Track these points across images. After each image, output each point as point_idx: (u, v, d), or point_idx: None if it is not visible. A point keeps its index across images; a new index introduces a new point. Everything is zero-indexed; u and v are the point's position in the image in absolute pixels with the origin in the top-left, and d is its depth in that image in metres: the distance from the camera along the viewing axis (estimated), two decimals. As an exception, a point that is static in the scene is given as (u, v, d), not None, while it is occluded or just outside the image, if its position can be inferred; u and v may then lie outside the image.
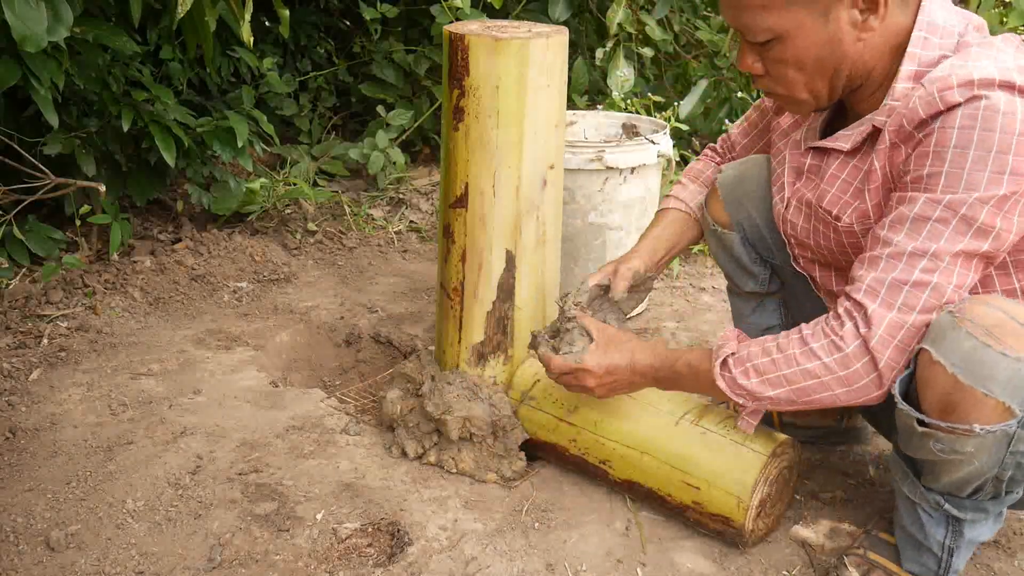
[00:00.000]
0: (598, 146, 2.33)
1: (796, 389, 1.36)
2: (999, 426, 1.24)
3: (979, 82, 1.24)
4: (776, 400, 1.39)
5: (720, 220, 1.77)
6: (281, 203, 3.09)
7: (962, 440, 1.27)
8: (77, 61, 2.45)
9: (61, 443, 1.81)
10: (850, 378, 1.33)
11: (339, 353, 2.37)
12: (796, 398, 1.37)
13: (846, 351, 1.32)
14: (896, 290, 1.30)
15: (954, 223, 1.26)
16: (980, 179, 1.24)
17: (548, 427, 1.76)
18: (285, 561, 1.52)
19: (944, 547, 1.43)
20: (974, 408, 1.24)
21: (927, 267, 1.28)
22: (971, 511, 1.39)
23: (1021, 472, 1.32)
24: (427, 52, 3.61)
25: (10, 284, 2.49)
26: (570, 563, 1.55)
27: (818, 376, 1.34)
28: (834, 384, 1.34)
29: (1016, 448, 1.28)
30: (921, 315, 1.29)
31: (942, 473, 1.35)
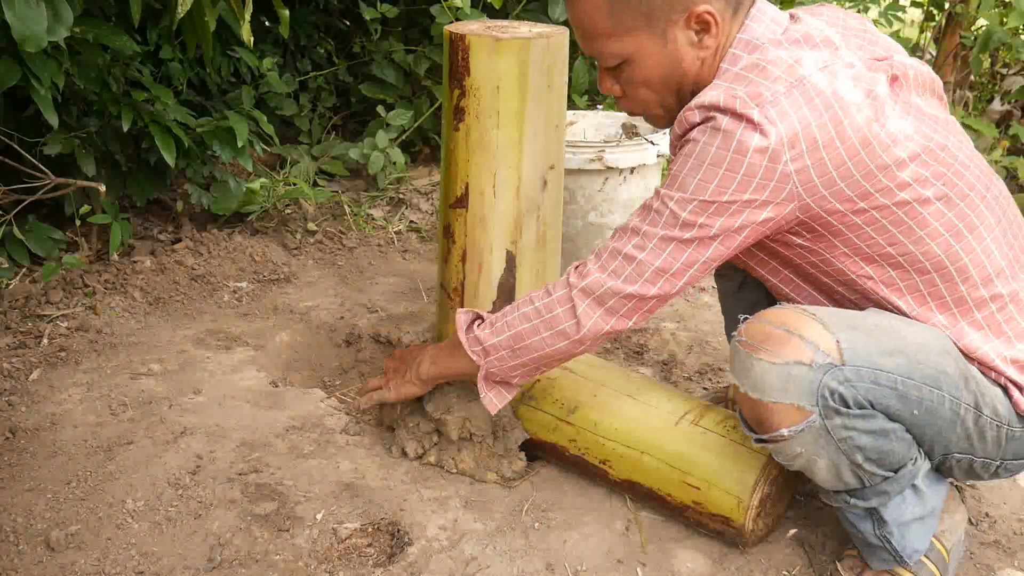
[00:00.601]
0: (598, 146, 2.33)
1: (514, 334, 1.52)
2: (803, 424, 1.34)
3: (710, 106, 1.35)
4: (498, 348, 1.54)
5: None
6: (281, 203, 3.09)
7: (786, 445, 1.40)
8: (77, 61, 2.45)
9: (61, 443, 1.81)
10: (553, 321, 1.48)
11: (339, 353, 2.37)
12: (514, 344, 1.52)
13: (554, 296, 1.49)
14: (612, 257, 1.44)
15: (665, 213, 1.39)
16: (690, 183, 1.36)
17: (548, 427, 1.76)
18: (285, 561, 1.52)
19: (879, 536, 1.47)
20: (773, 416, 1.36)
21: (637, 244, 1.41)
22: (873, 497, 1.43)
23: (872, 452, 1.37)
24: (427, 52, 3.60)
25: (10, 284, 2.49)
26: (570, 563, 1.55)
27: (530, 319, 1.50)
28: (541, 327, 1.49)
29: (840, 435, 1.35)
30: (623, 284, 1.42)
31: (815, 476, 1.44)
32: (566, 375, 1.79)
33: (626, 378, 1.79)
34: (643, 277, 1.41)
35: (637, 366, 2.31)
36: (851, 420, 1.34)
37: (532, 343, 1.51)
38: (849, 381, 1.32)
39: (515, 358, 1.54)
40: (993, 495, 1.81)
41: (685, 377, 2.26)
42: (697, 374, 2.28)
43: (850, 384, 1.33)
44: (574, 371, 1.79)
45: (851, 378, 1.33)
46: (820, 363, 1.32)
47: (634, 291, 1.42)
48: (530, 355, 1.53)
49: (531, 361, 1.54)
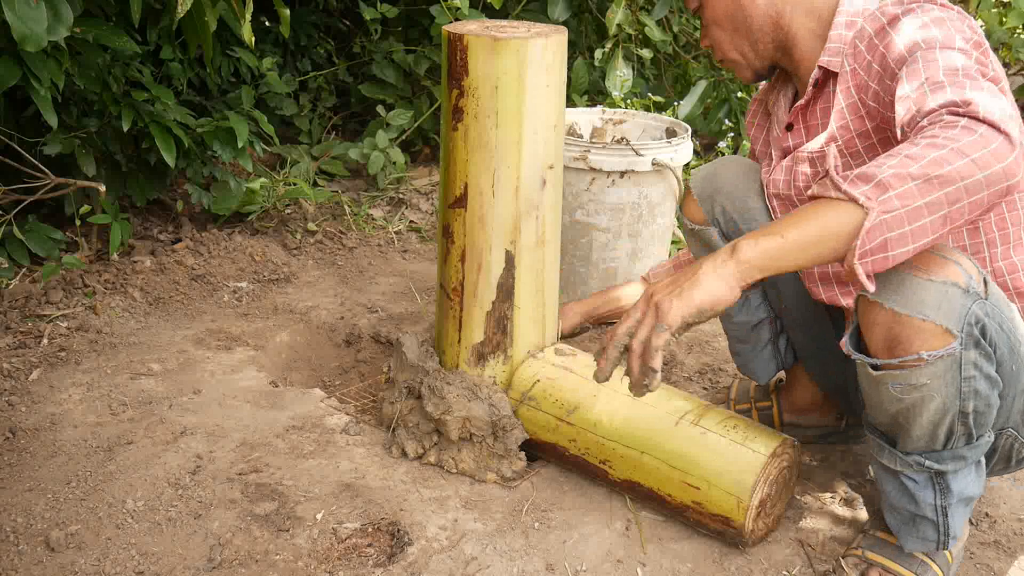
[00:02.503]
0: (584, 145, 2.33)
1: (928, 162, 1.13)
2: (944, 350, 1.27)
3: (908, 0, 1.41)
4: (905, 179, 1.13)
5: (696, 218, 1.82)
6: (281, 203, 3.09)
7: (915, 372, 1.29)
8: (77, 61, 2.45)
9: (61, 443, 1.81)
10: (981, 141, 1.14)
11: (339, 353, 2.37)
12: (931, 171, 1.12)
13: (961, 123, 1.16)
14: (961, 90, 1.21)
15: (955, 54, 1.29)
16: (951, 33, 1.33)
17: (548, 427, 1.76)
18: (285, 561, 1.52)
19: (937, 508, 1.44)
20: (916, 336, 1.27)
21: (970, 76, 1.25)
22: (950, 461, 1.40)
23: (982, 402, 1.34)
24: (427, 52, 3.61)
25: (10, 284, 2.50)
26: (570, 563, 1.55)
27: (945, 145, 1.14)
28: (968, 148, 1.13)
29: (967, 373, 1.31)
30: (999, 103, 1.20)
31: (912, 424, 1.36)
32: (566, 375, 1.79)
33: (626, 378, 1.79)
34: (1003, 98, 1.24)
35: (637, 366, 2.31)
36: (981, 358, 1.30)
37: (957, 168, 1.13)
38: (989, 316, 1.29)
39: (929, 190, 1.13)
40: (993, 495, 1.81)
41: (685, 377, 2.26)
42: (697, 374, 2.28)
43: (990, 319, 1.30)
44: (574, 371, 1.80)
45: (990, 313, 1.30)
46: (973, 290, 1.28)
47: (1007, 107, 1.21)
48: (952, 185, 1.13)
49: (950, 196, 1.13)
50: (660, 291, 1.23)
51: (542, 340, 1.86)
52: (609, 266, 2.45)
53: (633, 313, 1.26)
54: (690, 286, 1.20)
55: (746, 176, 1.78)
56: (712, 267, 1.20)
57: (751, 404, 2.00)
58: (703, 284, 1.19)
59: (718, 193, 1.78)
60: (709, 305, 1.20)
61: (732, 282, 1.19)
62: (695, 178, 1.83)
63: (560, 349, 1.88)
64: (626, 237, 2.41)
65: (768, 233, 1.18)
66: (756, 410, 1.99)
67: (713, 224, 1.79)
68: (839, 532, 1.67)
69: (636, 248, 2.44)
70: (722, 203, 1.77)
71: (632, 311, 1.27)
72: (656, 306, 1.21)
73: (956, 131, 1.15)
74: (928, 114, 1.22)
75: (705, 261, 1.21)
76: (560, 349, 1.88)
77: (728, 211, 1.77)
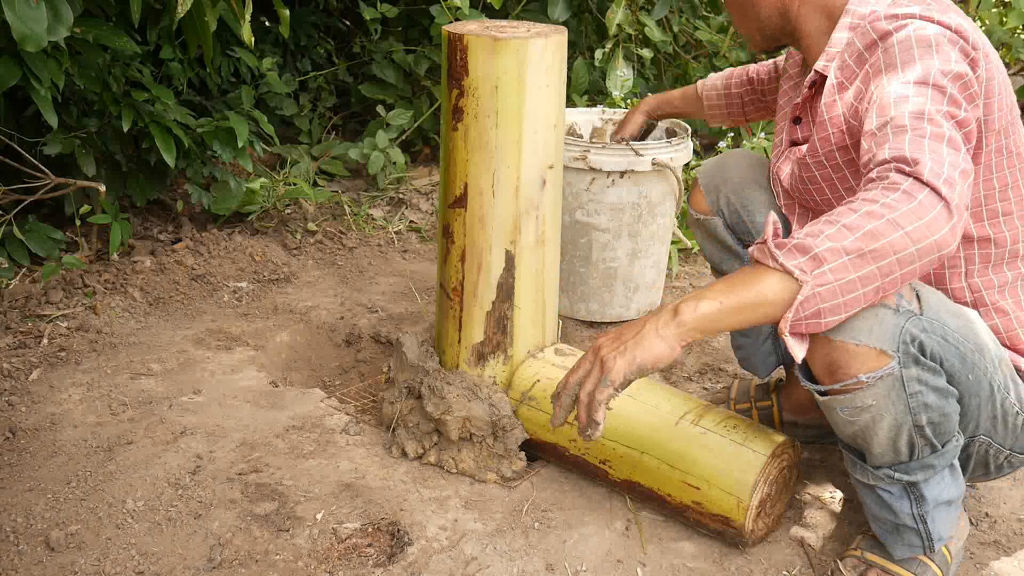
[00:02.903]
0: (584, 145, 2.33)
1: (863, 235, 1.16)
2: (881, 371, 1.29)
3: (903, 15, 1.39)
4: (839, 254, 1.16)
5: (702, 208, 1.87)
6: (281, 203, 3.09)
7: (858, 395, 1.32)
8: (77, 61, 2.45)
9: (61, 443, 1.81)
10: (918, 210, 1.17)
11: (339, 353, 2.37)
12: (864, 246, 1.16)
13: (903, 187, 1.19)
14: (918, 143, 1.23)
15: (929, 92, 1.30)
16: (932, 62, 1.33)
17: (548, 427, 1.76)
18: (285, 561, 1.52)
19: (916, 517, 1.45)
20: (853, 360, 1.29)
21: (934, 122, 1.27)
22: (919, 471, 1.41)
23: (935, 414, 1.35)
24: (427, 52, 3.61)
25: (10, 284, 2.50)
26: (570, 563, 1.55)
27: (882, 215, 1.17)
28: (903, 219, 1.16)
29: (912, 389, 1.32)
30: (951, 159, 1.22)
31: (871, 442, 1.38)
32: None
33: (626, 378, 1.79)
34: (959, 149, 1.25)
35: (637, 366, 2.31)
36: (924, 373, 1.32)
37: (890, 241, 1.16)
38: (926, 331, 1.31)
39: (863, 264, 1.17)
40: (993, 495, 1.81)
41: (685, 377, 2.26)
42: (697, 374, 2.28)
43: (927, 334, 1.31)
44: (574, 371, 1.79)
45: (927, 329, 1.31)
46: (904, 308, 1.29)
47: (960, 163, 1.23)
48: (885, 259, 1.17)
49: (883, 269, 1.18)
50: (606, 346, 1.29)
51: (542, 340, 1.86)
52: (609, 266, 2.45)
53: (583, 363, 1.31)
54: (633, 345, 1.25)
55: (752, 169, 1.82)
56: (655, 328, 1.25)
57: (751, 404, 2.00)
58: (645, 344, 1.25)
59: (724, 184, 1.82)
60: (650, 364, 1.25)
61: (672, 342, 1.25)
62: (702, 169, 1.88)
63: (560, 349, 1.88)
64: (626, 237, 2.41)
65: (708, 297, 1.23)
66: (756, 410, 1.99)
67: (718, 214, 1.84)
68: (839, 532, 1.67)
69: (636, 248, 2.44)
70: (727, 194, 1.81)
71: (582, 361, 1.32)
72: (602, 361, 1.27)
73: (896, 196, 1.18)
74: (879, 164, 1.25)
75: (649, 320, 1.26)
76: (560, 349, 1.88)
77: (732, 202, 1.81)
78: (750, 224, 1.80)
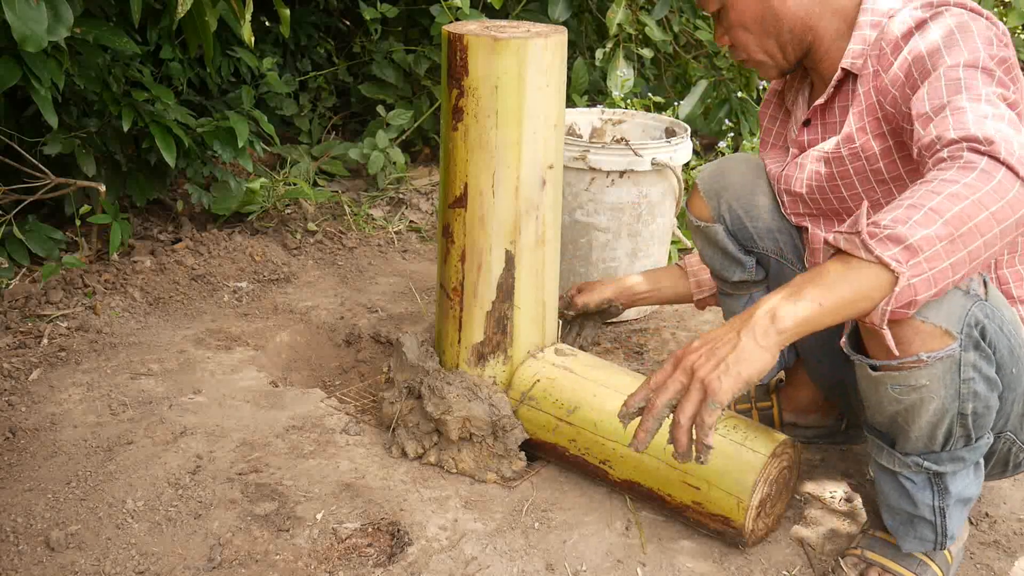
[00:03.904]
0: (583, 145, 2.33)
1: (951, 219, 1.14)
2: (943, 351, 1.27)
3: (938, 3, 1.42)
4: (933, 241, 1.14)
5: (702, 215, 1.83)
6: (281, 203, 3.09)
7: (914, 373, 1.29)
8: (77, 61, 2.45)
9: (61, 443, 1.81)
10: (999, 190, 1.16)
11: (339, 353, 2.37)
12: (955, 230, 1.14)
13: (980, 166, 1.18)
14: (982, 122, 1.23)
15: (979, 75, 1.32)
16: (976, 45, 1.35)
17: (548, 427, 1.76)
18: (285, 561, 1.52)
19: (935, 510, 1.44)
20: (916, 337, 1.27)
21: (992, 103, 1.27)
22: (948, 462, 1.40)
23: (981, 404, 1.34)
24: (427, 52, 3.61)
25: (10, 284, 2.50)
26: (570, 563, 1.55)
27: (966, 197, 1.15)
28: (987, 200, 1.15)
29: (967, 375, 1.31)
30: (1020, 139, 1.21)
31: (911, 425, 1.36)
32: (566, 375, 1.79)
33: (626, 378, 1.79)
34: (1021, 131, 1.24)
35: (637, 366, 2.31)
36: (980, 360, 1.30)
37: (978, 223, 1.15)
38: (989, 317, 1.30)
39: (954, 251, 1.15)
40: (993, 495, 1.81)
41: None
42: (697, 374, 2.27)
43: (990, 320, 1.30)
44: (574, 371, 1.79)
45: (990, 315, 1.30)
46: (973, 291, 1.29)
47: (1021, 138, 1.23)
48: (974, 242, 1.15)
49: (972, 253, 1.16)
50: (701, 364, 1.19)
51: (542, 340, 1.86)
52: (609, 266, 2.45)
53: (670, 383, 1.21)
54: (735, 360, 1.17)
55: (753, 174, 1.78)
56: (753, 338, 1.17)
57: (751, 404, 2.00)
58: (749, 357, 1.17)
59: (725, 191, 1.78)
60: (757, 377, 1.18)
61: (774, 351, 1.18)
62: (702, 175, 1.84)
63: (560, 349, 1.88)
64: (626, 237, 2.41)
65: (805, 297, 1.17)
66: (756, 410, 1.99)
67: (719, 221, 1.80)
68: (839, 532, 1.67)
69: (636, 248, 2.44)
70: (728, 201, 1.78)
71: (669, 381, 1.22)
72: (702, 383, 1.17)
73: (975, 176, 1.17)
74: (948, 144, 1.23)
75: (743, 330, 1.18)
76: (560, 349, 1.88)
77: (735, 208, 1.78)
78: (753, 230, 1.77)
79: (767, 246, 1.78)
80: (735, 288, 1.85)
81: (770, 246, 1.77)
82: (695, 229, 1.85)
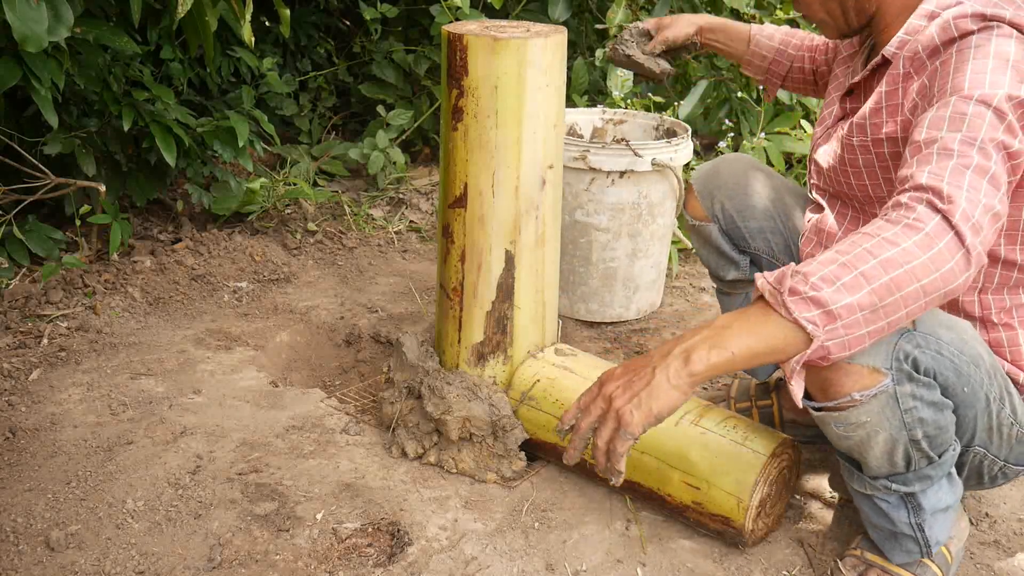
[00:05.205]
0: (583, 145, 2.33)
1: (879, 288, 1.15)
2: (875, 388, 1.29)
3: (991, 16, 1.33)
4: (854, 310, 1.15)
5: (697, 214, 1.86)
6: (281, 203, 3.09)
7: (853, 412, 1.31)
8: (77, 61, 2.45)
9: (61, 443, 1.81)
10: (936, 260, 1.16)
11: (339, 353, 2.37)
12: (879, 301, 1.16)
13: (926, 230, 1.17)
14: (959, 174, 1.21)
15: (989, 115, 1.26)
16: (1003, 80, 1.27)
17: (548, 427, 1.76)
18: (285, 561, 1.52)
19: (913, 526, 1.45)
20: (846, 378, 1.29)
21: (984, 152, 1.24)
22: (916, 482, 1.41)
23: (931, 428, 1.34)
24: (427, 52, 3.61)
25: (10, 284, 2.50)
26: (570, 563, 1.55)
27: (900, 265, 1.15)
28: (920, 271, 1.16)
29: (907, 405, 1.31)
30: (987, 201, 1.20)
31: (867, 456, 1.38)
32: (566, 375, 1.79)
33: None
34: (1000, 192, 1.22)
35: (637, 366, 2.31)
36: (918, 389, 1.31)
37: (904, 295, 1.16)
38: (920, 347, 1.30)
39: (874, 320, 1.17)
40: (993, 495, 1.81)
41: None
42: (697, 374, 2.27)
43: (921, 350, 1.30)
44: (574, 371, 1.79)
45: (921, 344, 1.30)
46: None
47: (996, 205, 1.21)
48: (896, 313, 1.17)
49: (892, 323, 1.18)
50: (618, 395, 1.23)
51: (542, 340, 1.86)
52: (609, 266, 2.45)
53: (593, 408, 1.25)
54: (647, 396, 1.21)
55: (747, 174, 1.80)
56: (666, 377, 1.21)
57: (751, 403, 2.00)
58: (658, 395, 1.21)
59: (718, 190, 1.81)
60: (667, 413, 1.22)
61: (686, 389, 1.22)
62: (696, 175, 1.86)
63: (560, 349, 1.88)
64: (626, 237, 2.41)
65: (719, 345, 1.20)
66: (756, 409, 1.99)
67: (713, 220, 1.83)
68: (839, 532, 1.67)
69: (636, 248, 2.44)
70: (722, 200, 1.80)
71: (590, 403, 1.26)
72: (617, 414, 1.22)
73: (917, 240, 1.16)
74: (914, 189, 1.22)
75: (658, 367, 1.21)
76: (560, 349, 1.88)
77: (727, 208, 1.80)
78: (745, 230, 1.79)
79: (759, 246, 1.80)
80: (731, 287, 1.87)
81: (762, 246, 1.79)
82: (691, 228, 1.88)
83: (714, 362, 1.19)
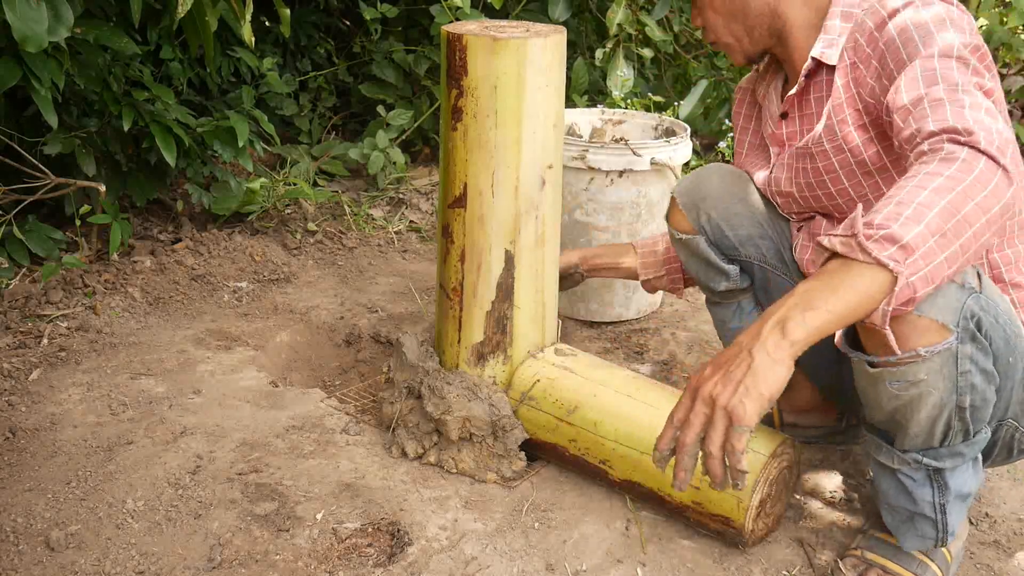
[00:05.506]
0: (583, 144, 2.33)
1: (940, 213, 1.14)
2: (940, 345, 1.28)
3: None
4: (926, 237, 1.13)
5: (682, 227, 1.81)
6: (281, 203, 3.09)
7: (912, 368, 1.29)
8: (77, 61, 2.45)
9: (61, 443, 1.81)
10: (981, 179, 1.17)
11: (339, 353, 2.37)
12: (944, 223, 1.14)
13: (961, 157, 1.19)
14: (960, 113, 1.25)
15: (954, 64, 1.33)
16: (950, 35, 1.36)
17: (548, 427, 1.76)
18: (285, 561, 1.53)
19: (936, 506, 1.44)
20: (913, 333, 1.27)
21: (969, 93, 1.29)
22: (948, 458, 1.40)
23: (978, 397, 1.34)
24: (427, 52, 3.61)
25: (10, 284, 2.50)
26: (570, 563, 1.55)
27: (951, 189, 1.16)
28: (972, 191, 1.16)
29: (964, 368, 1.31)
30: (998, 127, 1.23)
31: (910, 421, 1.36)
32: (566, 375, 1.79)
33: (626, 378, 1.79)
34: (998, 119, 1.26)
35: (637, 366, 2.31)
36: (977, 352, 1.31)
37: (966, 213, 1.15)
38: (984, 310, 1.30)
39: (947, 245, 1.15)
40: (993, 495, 1.81)
41: (685, 377, 2.26)
42: (697, 374, 2.27)
43: (985, 313, 1.30)
44: (574, 371, 1.80)
45: (985, 307, 1.30)
46: (968, 284, 1.29)
47: (1004, 130, 1.24)
48: (964, 234, 1.16)
49: (964, 245, 1.17)
50: (720, 392, 1.15)
51: (542, 340, 1.86)
52: (609, 266, 2.45)
53: (694, 418, 1.17)
54: (753, 380, 1.14)
55: (730, 182, 1.77)
56: (766, 353, 1.15)
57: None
58: (766, 374, 1.14)
59: (703, 201, 1.77)
60: (778, 392, 1.15)
61: (790, 362, 1.16)
62: (679, 188, 1.82)
63: (560, 349, 1.88)
64: (625, 236, 2.41)
65: (813, 307, 1.15)
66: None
67: (700, 232, 1.78)
68: (839, 532, 1.67)
69: (636, 248, 2.44)
70: (707, 211, 1.77)
71: (691, 415, 1.18)
72: (726, 410, 1.14)
73: (957, 167, 1.18)
74: (928, 137, 1.25)
75: (754, 346, 1.15)
76: (560, 349, 1.88)
77: (714, 218, 1.76)
78: (734, 239, 1.76)
79: (750, 253, 1.78)
80: (722, 297, 1.85)
81: (753, 253, 1.77)
82: (677, 242, 1.83)
83: (813, 324, 1.15)
